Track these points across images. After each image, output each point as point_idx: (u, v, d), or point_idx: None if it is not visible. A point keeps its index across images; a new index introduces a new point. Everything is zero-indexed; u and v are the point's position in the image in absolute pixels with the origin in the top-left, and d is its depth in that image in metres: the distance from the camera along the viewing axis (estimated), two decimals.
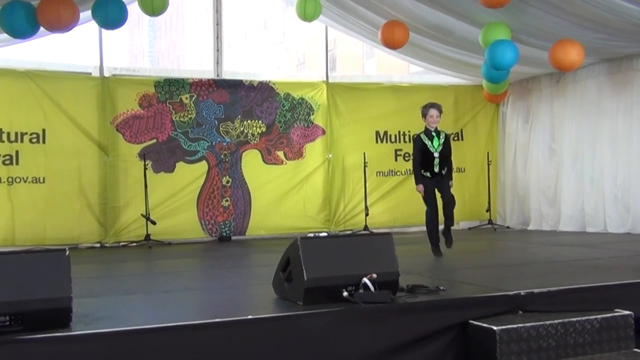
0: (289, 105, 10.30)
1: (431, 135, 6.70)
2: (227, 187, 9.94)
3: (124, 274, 6.58)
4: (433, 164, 6.64)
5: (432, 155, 6.64)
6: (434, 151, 6.65)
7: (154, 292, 5.08)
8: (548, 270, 5.66)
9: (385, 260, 4.24)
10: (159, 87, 9.67)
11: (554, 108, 10.32)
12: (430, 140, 6.67)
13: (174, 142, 9.69)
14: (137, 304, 4.52)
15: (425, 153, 6.64)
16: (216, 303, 4.53)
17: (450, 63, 10.27)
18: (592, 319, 4.07)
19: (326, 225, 10.39)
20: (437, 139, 6.69)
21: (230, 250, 8.72)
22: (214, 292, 5.04)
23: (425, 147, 6.65)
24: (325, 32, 10.99)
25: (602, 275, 5.13)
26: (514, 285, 4.59)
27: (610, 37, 8.14)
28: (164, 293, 4.98)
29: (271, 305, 4.19)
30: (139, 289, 5.28)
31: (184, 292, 5.08)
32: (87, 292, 4.76)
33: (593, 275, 5.23)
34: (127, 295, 4.86)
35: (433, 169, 6.65)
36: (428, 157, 6.64)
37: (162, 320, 3.63)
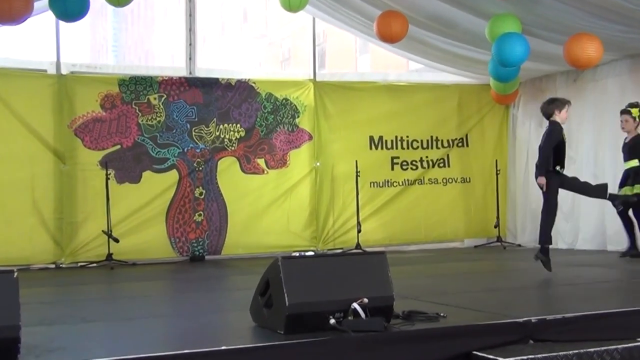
0: (271, 107, 10.31)
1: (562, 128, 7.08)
2: (201, 200, 9.92)
3: (82, 298, 6.54)
4: (564, 158, 7.00)
5: (564, 148, 7.01)
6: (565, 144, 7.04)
7: (116, 319, 5.05)
8: (563, 294, 5.69)
9: (378, 283, 4.23)
10: (124, 86, 9.66)
11: (571, 111, 10.33)
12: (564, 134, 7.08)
13: (141, 148, 9.68)
14: (95, 333, 4.48)
15: (562, 146, 6.97)
16: (185, 332, 4.50)
17: (454, 59, 10.34)
18: (612, 350, 4.07)
19: (313, 243, 10.39)
20: None
21: (204, 271, 8.70)
22: (183, 320, 5.01)
23: (562, 140, 6.99)
24: (313, 25, 11.02)
25: (624, 300, 5.16)
26: (524, 311, 4.59)
27: (632, 29, 8.21)
28: (127, 321, 4.95)
29: (248, 335, 4.17)
30: (98, 316, 5.25)
31: (150, 319, 5.06)
32: (39, 320, 4.72)
33: (614, 299, 5.25)
34: (84, 324, 4.81)
35: (563, 165, 7.00)
36: (562, 151, 6.97)
37: (124, 352, 3.60)
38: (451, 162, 11.22)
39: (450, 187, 11.20)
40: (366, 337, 3.87)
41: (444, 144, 11.19)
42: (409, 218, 10.85)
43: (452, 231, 11.24)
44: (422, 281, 7.15)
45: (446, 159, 11.22)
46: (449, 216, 11.14)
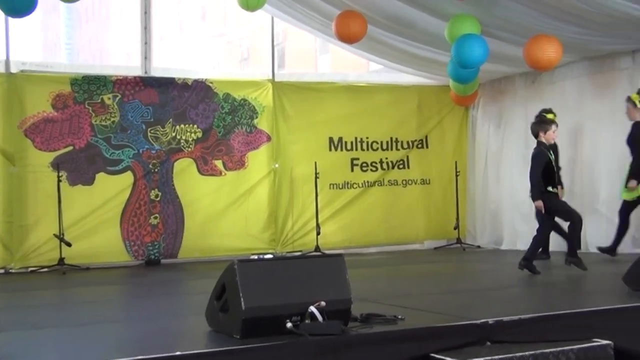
0: (228, 108, 10.29)
1: (549, 149, 7.34)
2: (156, 202, 9.86)
3: (33, 304, 6.46)
4: (555, 178, 7.29)
5: (554, 168, 7.28)
6: (555, 165, 7.34)
7: (68, 325, 5.00)
8: (520, 296, 5.79)
9: (336, 286, 4.26)
10: (77, 85, 9.56)
11: (529, 112, 10.50)
12: (553, 155, 7.35)
13: (94, 149, 9.58)
14: (46, 339, 4.44)
15: (549, 167, 7.22)
16: (139, 337, 4.49)
17: (413, 60, 10.42)
18: (568, 350, 4.15)
19: (272, 245, 10.39)
20: (552, 153, 7.36)
21: (159, 275, 8.65)
22: (137, 325, 4.99)
23: (549, 161, 7.23)
24: (272, 24, 11.02)
25: (580, 301, 5.27)
26: (482, 313, 4.65)
27: (590, 32, 8.37)
28: (79, 327, 4.91)
29: (203, 339, 4.17)
30: (49, 322, 5.20)
31: (103, 325, 5.02)
32: None
33: (570, 300, 5.36)
34: (35, 330, 4.76)
35: (555, 183, 7.26)
36: (551, 172, 7.24)
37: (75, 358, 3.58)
38: (411, 164, 11.30)
39: (410, 188, 11.29)
40: (323, 341, 3.89)
41: (403, 145, 11.27)
42: (369, 220, 10.91)
43: (412, 233, 11.33)
44: (381, 284, 7.21)
45: (406, 161, 11.30)
46: (409, 218, 11.23)
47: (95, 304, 6.28)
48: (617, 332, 4.43)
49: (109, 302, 6.65)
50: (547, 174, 7.17)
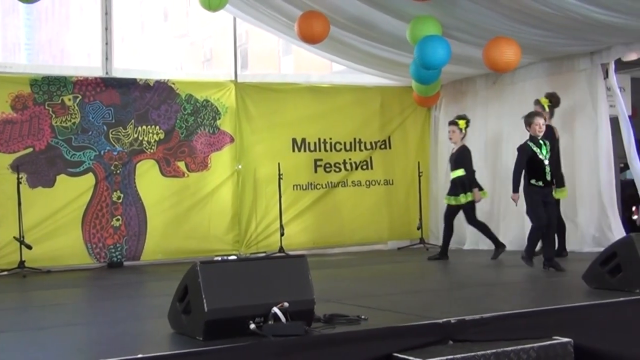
0: (191, 109, 10.23)
1: (538, 142, 7.33)
2: (118, 204, 9.77)
3: None
4: (544, 172, 7.27)
5: (542, 162, 7.26)
6: (544, 158, 7.28)
7: (28, 329, 4.93)
8: (482, 295, 5.84)
9: (299, 287, 4.27)
10: (36, 86, 9.43)
11: (491, 113, 10.66)
12: (539, 148, 7.30)
13: (54, 151, 9.46)
14: (6, 343, 4.37)
15: (535, 161, 7.26)
16: (101, 340, 4.44)
17: (376, 61, 10.47)
18: (528, 348, 4.21)
19: (235, 247, 10.36)
20: (544, 146, 7.34)
21: (122, 278, 8.58)
22: (99, 328, 4.95)
23: (534, 155, 7.26)
24: (234, 25, 11.00)
25: (541, 299, 5.34)
26: (444, 312, 4.69)
27: (549, 34, 8.49)
28: (40, 330, 4.85)
29: (166, 342, 4.15)
30: (9, 325, 5.11)
31: (64, 328, 4.97)
32: None
33: (531, 299, 5.43)
34: None
35: (545, 177, 7.26)
36: (538, 165, 7.26)
37: None
38: (374, 164, 11.34)
39: (374, 189, 11.33)
40: (287, 342, 3.90)
41: (367, 146, 11.31)
42: (333, 221, 10.93)
43: (375, 233, 11.37)
44: (344, 284, 7.22)
45: (369, 161, 11.34)
46: (373, 218, 11.26)
47: (56, 307, 6.20)
48: (576, 330, 4.51)
49: (71, 305, 6.57)
50: (531, 167, 7.26)
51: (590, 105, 9.28)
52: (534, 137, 7.36)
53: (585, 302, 5.06)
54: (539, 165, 7.27)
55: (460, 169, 8.88)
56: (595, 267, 5.72)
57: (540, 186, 7.28)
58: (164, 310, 4.52)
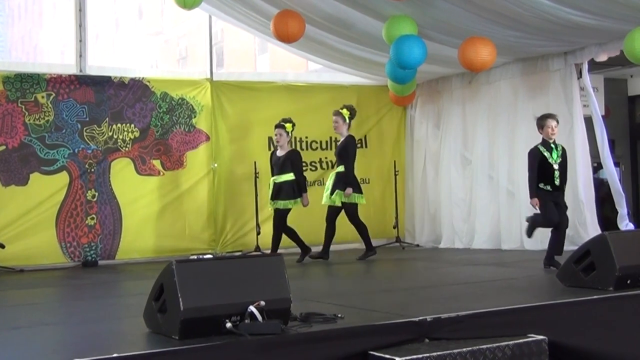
0: (166, 107, 10.19)
1: (549, 146, 7.29)
2: (93, 203, 9.70)
3: None
4: (553, 177, 7.22)
5: (552, 167, 7.22)
6: (554, 163, 7.25)
7: (1, 329, 4.87)
8: (458, 293, 5.87)
9: (275, 286, 4.27)
10: (9, 83, 9.34)
11: (466, 112, 10.72)
12: (549, 152, 7.28)
13: (28, 149, 9.37)
14: None
15: (544, 165, 7.22)
16: (75, 340, 4.41)
17: (352, 60, 10.49)
18: (504, 346, 4.24)
19: (212, 246, 10.33)
20: (555, 150, 7.31)
21: (96, 277, 8.51)
22: (73, 327, 4.91)
23: (544, 159, 7.23)
24: (209, 23, 10.96)
25: (516, 297, 5.38)
26: (420, 310, 4.72)
27: (523, 34, 8.56)
28: (12, 330, 4.79)
29: (141, 341, 4.13)
30: None
31: (37, 328, 4.92)
32: None
33: (506, 297, 5.47)
34: None
35: (554, 182, 7.22)
36: (547, 169, 7.22)
37: None
38: None
39: None
40: (263, 340, 3.89)
41: None
42: (309, 219, 10.89)
43: (351, 232, 11.32)
44: (321, 283, 7.24)
45: None
46: None
47: (30, 307, 6.14)
48: (551, 327, 4.55)
49: (45, 304, 6.51)
50: (540, 171, 7.24)
51: (564, 105, 9.37)
52: (545, 141, 7.31)
53: (559, 300, 5.11)
54: (548, 170, 7.24)
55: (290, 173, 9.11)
56: (569, 265, 5.78)
57: (548, 190, 7.25)
58: (139, 309, 4.50)
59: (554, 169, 7.24)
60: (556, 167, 7.25)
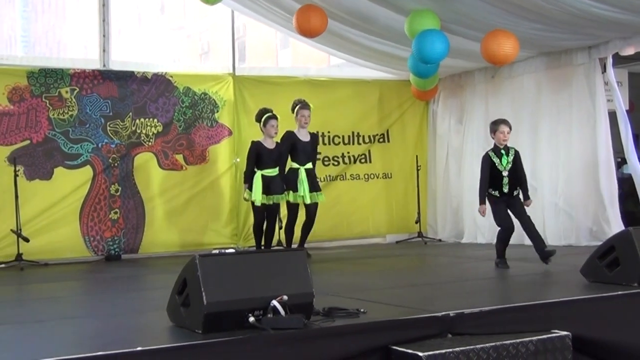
0: (189, 102, 10.22)
1: (500, 152, 7.26)
2: (117, 197, 9.76)
3: None
4: (502, 184, 7.18)
5: (500, 173, 7.18)
6: (502, 169, 7.19)
7: (25, 322, 4.93)
8: (480, 288, 5.85)
9: (298, 280, 4.27)
10: (33, 78, 9.41)
11: (489, 106, 10.65)
12: (499, 158, 7.23)
13: (52, 143, 9.44)
14: (2, 336, 4.37)
15: (493, 172, 7.19)
16: (99, 333, 4.44)
17: (374, 55, 10.46)
18: (527, 342, 4.22)
19: (234, 240, 10.36)
20: (505, 156, 7.26)
21: (120, 271, 8.57)
22: (97, 321, 4.94)
23: (494, 165, 7.19)
24: (232, 18, 10.97)
25: (539, 293, 5.35)
26: (442, 305, 4.71)
27: (547, 28, 8.49)
28: (37, 323, 4.84)
29: (165, 335, 4.15)
30: (6, 318, 5.11)
31: (61, 321, 4.96)
32: None
33: (529, 292, 5.44)
34: None
35: (502, 189, 7.18)
36: (496, 176, 7.20)
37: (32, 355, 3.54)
38: (373, 158, 11.34)
39: (372, 183, 11.33)
40: (286, 335, 3.90)
41: (365, 139, 11.31)
42: (331, 214, 10.89)
43: (374, 227, 11.37)
44: (343, 277, 7.23)
45: (367, 155, 11.34)
46: (371, 212, 11.27)
47: (54, 300, 6.20)
48: (575, 323, 4.52)
49: (68, 298, 6.57)
50: (490, 177, 7.21)
51: (588, 99, 9.29)
52: (496, 146, 7.29)
53: (584, 295, 5.07)
54: (497, 176, 7.20)
55: None
56: (593, 261, 5.74)
57: (497, 196, 7.24)
58: (162, 303, 4.52)
59: (502, 176, 7.19)
60: (505, 174, 7.19)
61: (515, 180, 7.25)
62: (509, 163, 7.22)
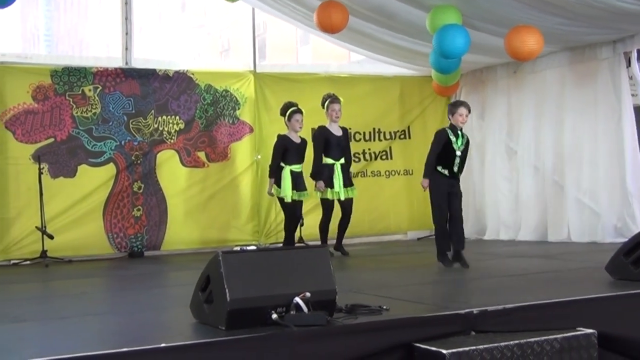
0: (210, 99, 10.24)
1: (457, 132, 7.24)
2: (139, 194, 9.81)
3: (14, 297, 6.40)
4: (453, 163, 7.19)
5: (454, 152, 7.18)
6: (457, 149, 7.19)
7: (49, 318, 4.97)
8: (504, 285, 5.80)
9: (321, 277, 4.26)
10: (57, 77, 9.47)
11: (512, 102, 10.58)
12: (455, 137, 7.21)
13: (75, 141, 9.51)
14: (27, 333, 4.40)
15: (448, 149, 7.17)
16: (123, 330, 4.46)
17: (395, 51, 10.41)
18: (552, 339, 4.17)
19: (255, 237, 10.38)
20: (461, 138, 7.24)
21: (142, 267, 8.61)
22: (121, 318, 4.96)
23: (449, 143, 7.17)
24: (252, 15, 10.98)
25: (563, 290, 5.28)
26: (466, 302, 4.68)
27: (571, 22, 8.40)
28: (61, 320, 4.87)
29: (188, 331, 4.16)
30: (31, 315, 5.14)
31: (86, 317, 4.98)
32: None
33: (553, 290, 5.38)
34: (16, 323, 4.73)
35: (452, 168, 7.18)
36: (450, 154, 7.18)
37: (57, 352, 3.54)
38: (394, 154, 11.31)
39: (393, 179, 11.30)
40: (308, 332, 3.89)
41: (386, 136, 11.28)
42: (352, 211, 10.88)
43: (395, 224, 11.34)
44: (365, 274, 7.21)
45: (389, 151, 11.31)
46: (392, 209, 11.24)
47: (78, 297, 6.23)
48: (601, 321, 4.47)
49: (92, 294, 6.60)
50: (443, 154, 7.19)
51: (612, 94, 9.19)
52: (453, 126, 7.25)
53: (609, 293, 5.02)
54: (450, 154, 7.18)
55: None
56: (619, 258, 5.66)
57: (445, 175, 7.21)
58: (185, 299, 4.53)
59: (455, 155, 7.19)
60: (458, 154, 7.20)
61: (463, 163, 7.29)
62: (462, 145, 7.23)
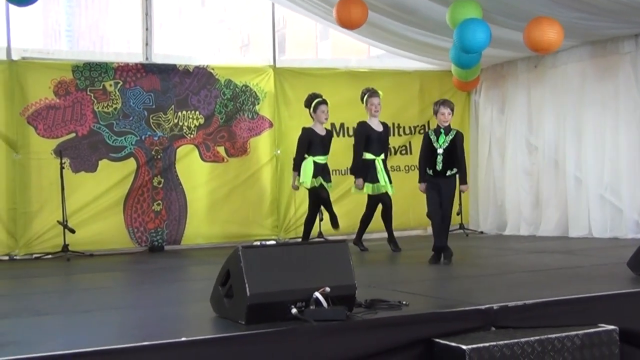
0: (230, 94, 10.26)
1: (439, 132, 7.35)
2: (159, 189, 9.85)
3: (36, 291, 6.46)
4: (436, 161, 7.27)
5: (435, 151, 7.28)
6: (438, 147, 7.27)
7: (71, 312, 5.00)
8: (524, 281, 5.77)
9: (340, 272, 4.26)
10: (78, 72, 9.53)
11: (532, 96, 10.51)
12: (437, 136, 7.34)
13: (96, 136, 9.56)
14: (49, 326, 4.44)
15: (430, 147, 7.32)
16: (144, 324, 4.48)
17: (415, 45, 10.37)
18: (573, 335, 4.14)
19: (275, 232, 10.39)
20: (444, 135, 7.32)
21: (163, 262, 8.65)
22: (141, 311, 4.99)
23: (430, 142, 7.33)
24: (272, 10, 10.97)
25: (584, 286, 5.25)
26: (486, 298, 4.65)
27: (592, 16, 8.32)
28: (83, 313, 4.90)
29: (208, 325, 4.17)
30: (53, 308, 5.19)
31: (107, 311, 5.02)
32: None
33: (574, 286, 5.34)
34: (38, 317, 4.76)
35: (435, 166, 7.24)
36: (431, 153, 7.34)
37: (78, 345, 3.57)
38: (413, 149, 11.25)
39: (413, 174, 11.19)
40: (328, 326, 3.89)
41: (405, 130, 11.25)
42: None
43: (414, 219, 11.28)
44: (385, 269, 7.21)
45: (408, 146, 11.27)
46: (412, 204, 11.14)
47: (99, 291, 6.28)
48: (622, 317, 4.42)
49: (113, 288, 6.65)
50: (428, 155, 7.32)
51: (635, 88, 9.10)
52: (437, 127, 7.36)
53: (631, 289, 4.97)
54: (431, 154, 7.28)
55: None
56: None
57: (430, 175, 7.30)
58: (205, 294, 4.54)
59: (437, 154, 7.26)
60: (440, 152, 7.25)
61: (450, 161, 7.29)
62: (446, 142, 7.28)
